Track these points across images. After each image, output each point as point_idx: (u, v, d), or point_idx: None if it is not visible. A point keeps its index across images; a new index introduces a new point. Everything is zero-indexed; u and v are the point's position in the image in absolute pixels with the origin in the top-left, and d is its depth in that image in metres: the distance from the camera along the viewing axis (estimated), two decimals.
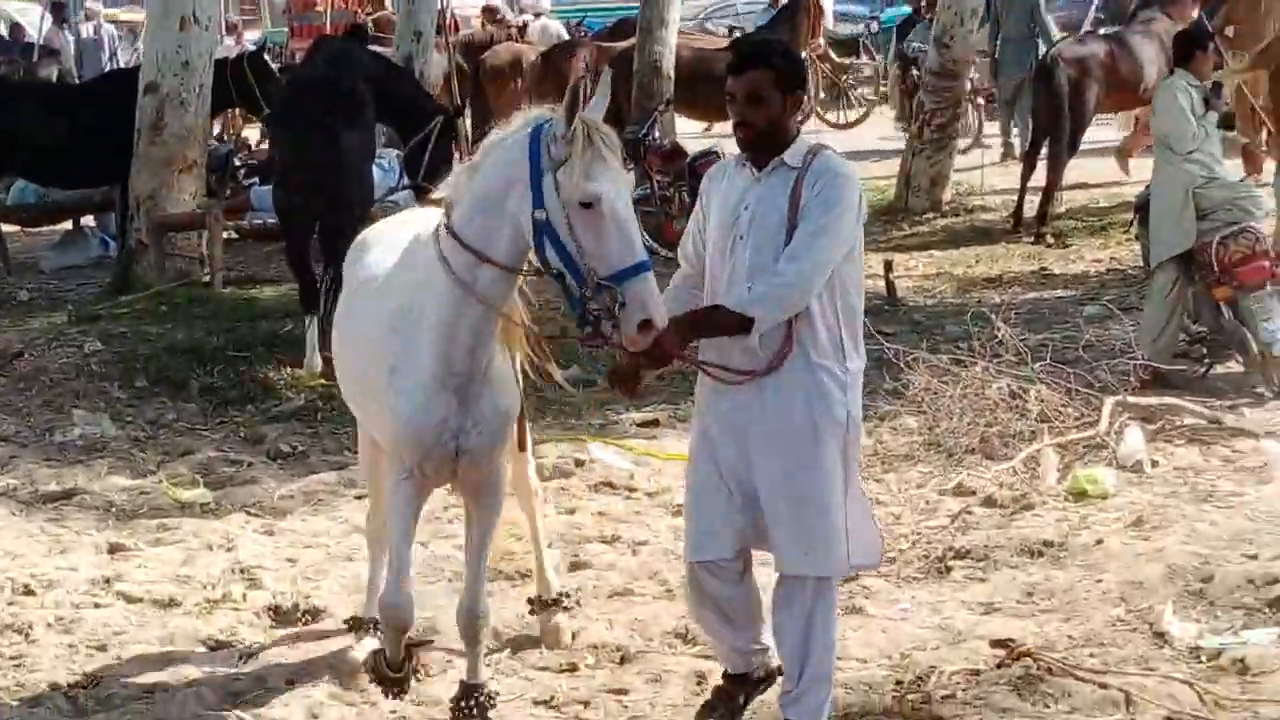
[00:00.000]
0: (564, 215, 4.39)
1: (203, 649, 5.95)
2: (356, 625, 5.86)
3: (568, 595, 6.07)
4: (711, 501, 4.85)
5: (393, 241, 5.28)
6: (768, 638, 5.07)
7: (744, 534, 4.91)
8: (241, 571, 6.88)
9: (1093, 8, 18.91)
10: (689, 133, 18.17)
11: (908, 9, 21.46)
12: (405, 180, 12.21)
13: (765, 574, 5.21)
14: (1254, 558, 6.69)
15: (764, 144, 4.64)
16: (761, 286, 4.56)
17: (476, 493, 5.21)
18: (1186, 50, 9.55)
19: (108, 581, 6.67)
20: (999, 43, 17.20)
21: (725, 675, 5.23)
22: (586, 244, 4.37)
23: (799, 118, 4.94)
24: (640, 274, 4.35)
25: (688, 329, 4.66)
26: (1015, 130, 17.38)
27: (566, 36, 20.92)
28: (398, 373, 4.82)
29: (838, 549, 4.78)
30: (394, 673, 5.21)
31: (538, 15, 23.68)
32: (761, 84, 4.56)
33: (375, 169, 12.00)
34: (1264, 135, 13.00)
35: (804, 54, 15.95)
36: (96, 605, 6.41)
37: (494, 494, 5.21)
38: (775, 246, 4.61)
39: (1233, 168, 9.90)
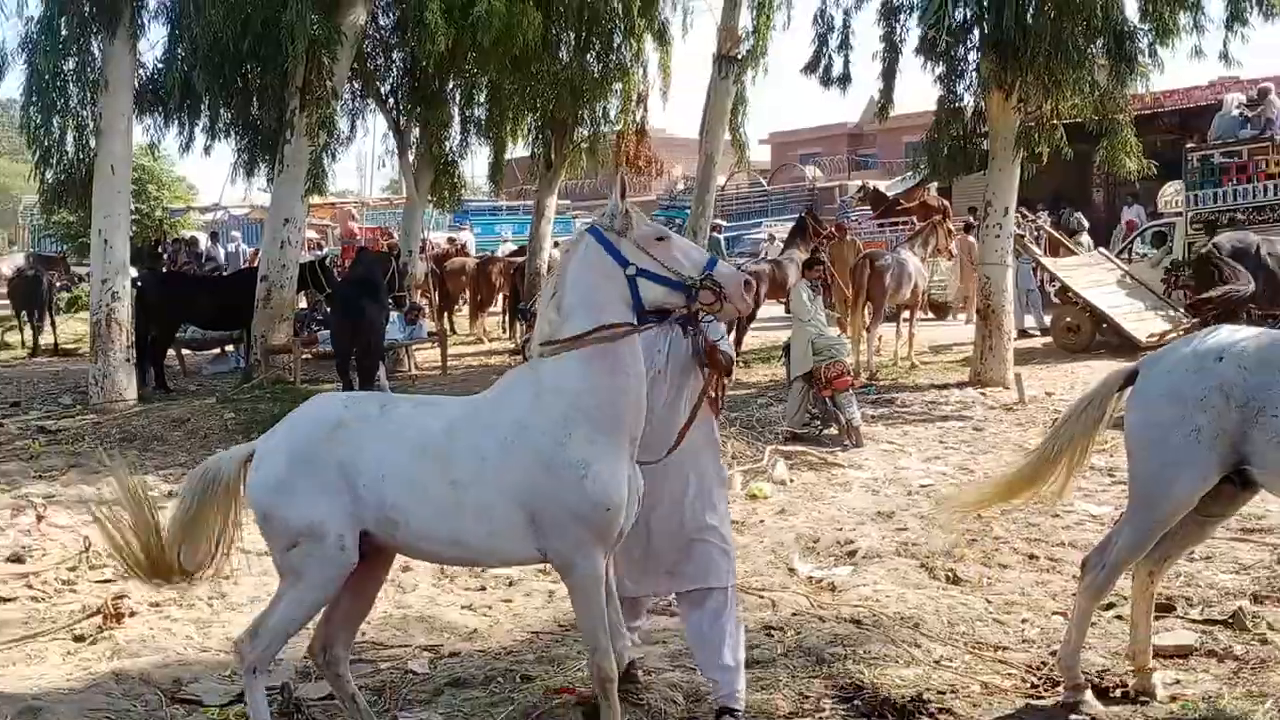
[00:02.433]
0: (647, 256, 4.74)
1: None
2: None
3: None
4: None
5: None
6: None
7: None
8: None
9: (765, 251, 25.17)
10: None
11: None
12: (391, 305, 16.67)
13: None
14: (840, 529, 8.61)
15: None
16: None
17: None
18: (806, 268, 13.71)
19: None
20: None
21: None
22: (673, 264, 4.75)
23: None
24: (715, 264, 4.81)
25: None
26: None
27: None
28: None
29: None
30: None
31: (452, 241, 33.77)
32: None
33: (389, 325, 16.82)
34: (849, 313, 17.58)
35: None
36: None
37: None
38: None
39: (833, 330, 13.66)
